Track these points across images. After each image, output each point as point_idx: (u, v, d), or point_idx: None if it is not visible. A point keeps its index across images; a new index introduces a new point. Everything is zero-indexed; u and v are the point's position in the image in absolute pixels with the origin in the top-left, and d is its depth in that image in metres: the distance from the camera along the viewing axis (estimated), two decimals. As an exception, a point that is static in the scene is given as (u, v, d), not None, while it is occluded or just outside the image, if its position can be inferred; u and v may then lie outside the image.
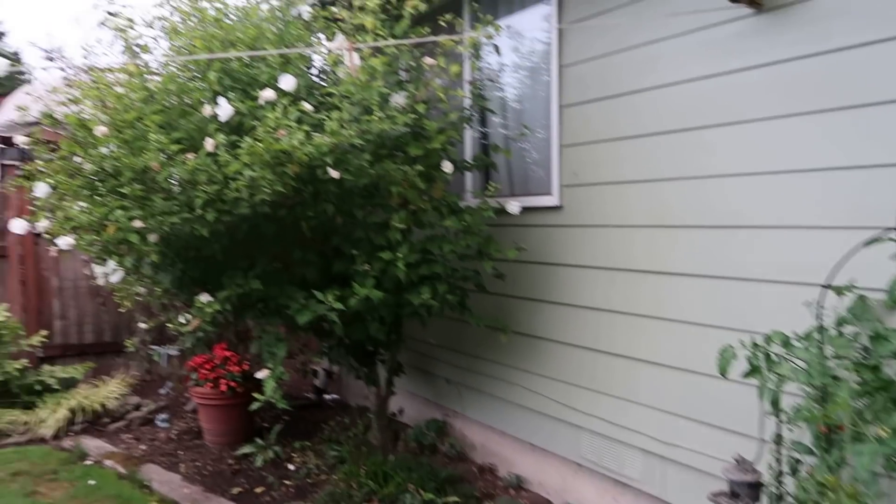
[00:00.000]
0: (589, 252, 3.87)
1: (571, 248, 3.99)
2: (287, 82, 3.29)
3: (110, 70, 3.77)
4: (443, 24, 3.64)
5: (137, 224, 3.22)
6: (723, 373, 2.60)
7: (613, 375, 3.71)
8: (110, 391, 6.23)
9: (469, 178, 4.80)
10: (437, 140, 3.69)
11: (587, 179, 3.88)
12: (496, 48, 3.75)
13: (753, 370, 2.54)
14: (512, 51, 4.62)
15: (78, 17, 3.87)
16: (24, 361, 6.26)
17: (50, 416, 5.77)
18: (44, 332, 6.72)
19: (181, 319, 3.56)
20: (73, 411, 5.84)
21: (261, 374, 3.49)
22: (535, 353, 4.24)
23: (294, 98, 3.46)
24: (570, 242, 4.01)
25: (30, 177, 3.67)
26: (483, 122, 4.82)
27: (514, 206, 3.84)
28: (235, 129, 3.46)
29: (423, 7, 3.78)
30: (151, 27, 3.86)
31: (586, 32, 3.87)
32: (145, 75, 3.84)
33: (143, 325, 4.71)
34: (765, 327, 2.70)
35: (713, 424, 3.16)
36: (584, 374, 3.90)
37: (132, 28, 3.76)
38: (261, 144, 3.04)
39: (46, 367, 6.55)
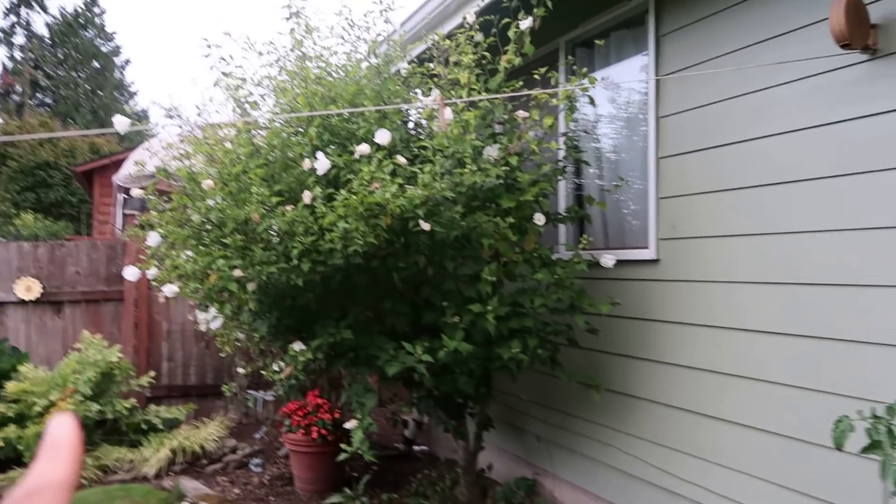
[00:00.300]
0: (688, 308, 3.70)
1: (669, 303, 3.83)
2: (382, 136, 3.37)
3: (220, 126, 3.99)
4: (537, 77, 3.65)
5: (237, 273, 3.35)
6: (839, 446, 2.38)
7: (717, 441, 3.48)
8: (209, 433, 6.43)
9: (562, 230, 4.73)
10: (530, 192, 3.67)
11: (686, 232, 3.74)
12: (591, 100, 3.72)
13: (874, 445, 2.31)
14: (608, 101, 4.57)
15: (195, 78, 4.13)
16: (133, 401, 6.58)
17: (153, 455, 6.01)
18: (152, 373, 7.06)
19: (275, 367, 3.64)
20: (174, 452, 6.05)
21: (349, 425, 3.50)
22: (631, 413, 4.06)
23: (389, 151, 3.53)
24: (667, 297, 3.85)
25: (144, 226, 3.91)
26: (577, 173, 4.76)
27: (608, 259, 3.74)
28: (332, 181, 3.57)
29: (517, 61, 3.81)
30: (259, 86, 4.07)
31: (685, 82, 3.78)
32: (252, 131, 4.04)
33: (240, 371, 4.86)
34: (886, 396, 2.47)
35: (823, 499, 2.90)
36: (683, 437, 3.69)
37: (242, 87, 3.98)
38: (355, 197, 3.10)
39: (153, 407, 6.85)
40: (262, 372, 3.96)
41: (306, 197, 3.32)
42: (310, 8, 4.07)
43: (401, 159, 3.39)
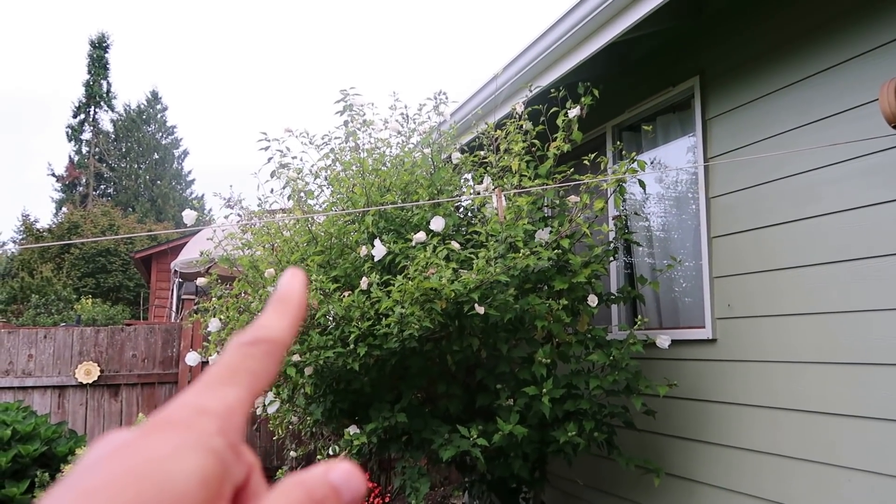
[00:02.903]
0: (746, 389, 3.62)
1: (727, 383, 3.75)
2: (437, 224, 3.47)
3: (279, 213, 4.16)
4: (586, 162, 3.74)
5: (296, 358, 3.42)
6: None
7: (785, 531, 3.34)
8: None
9: (615, 311, 4.72)
10: (582, 274, 3.70)
11: (742, 312, 3.70)
12: (641, 184, 3.79)
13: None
14: (657, 182, 4.63)
15: (256, 170, 4.35)
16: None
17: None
18: (204, 456, 7.08)
19: (330, 451, 3.65)
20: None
21: (405, 511, 3.46)
22: (691, 498, 3.92)
23: (443, 238, 3.63)
24: (725, 378, 3.78)
25: (202, 311, 4.05)
26: (628, 253, 4.78)
27: (663, 339, 3.71)
28: (387, 267, 3.67)
29: (566, 147, 3.92)
30: (317, 176, 4.26)
31: (734, 164, 3.82)
32: (309, 219, 4.21)
33: (293, 454, 4.87)
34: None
35: None
36: (750, 526, 3.54)
37: (300, 178, 4.17)
38: (411, 283, 3.18)
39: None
40: (317, 456, 3.96)
41: (363, 283, 3.41)
42: (365, 98, 4.27)
43: (455, 245, 3.48)
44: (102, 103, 39.22)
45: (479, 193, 3.59)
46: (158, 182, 39.27)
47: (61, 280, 21.78)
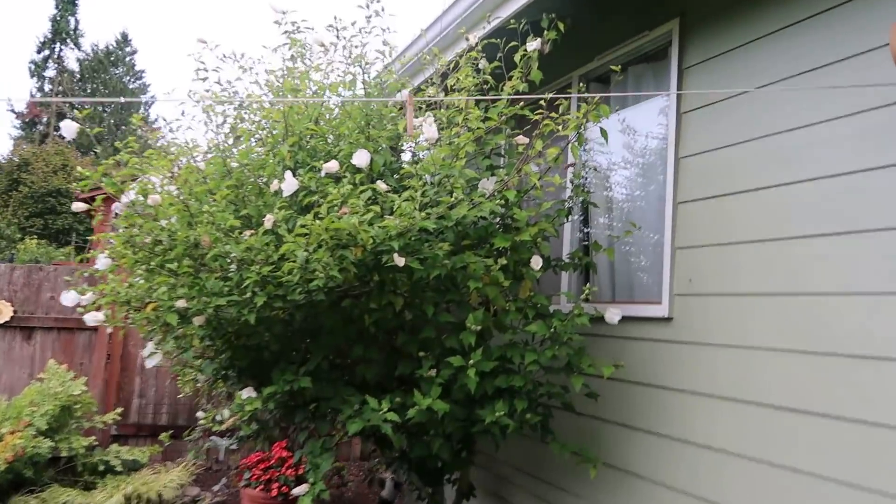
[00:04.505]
0: (705, 376, 3.18)
1: (682, 368, 3.31)
2: (361, 158, 2.94)
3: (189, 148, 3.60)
4: (542, 104, 3.23)
5: (181, 304, 2.89)
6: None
7: (731, 538, 2.92)
8: (170, 480, 5.87)
9: (564, 279, 4.25)
10: (528, 232, 3.21)
11: (704, 288, 3.25)
12: (603, 133, 3.30)
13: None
14: (622, 147, 4.14)
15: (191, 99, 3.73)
16: (93, 439, 6.06)
17: (105, 500, 5.46)
18: (119, 410, 6.54)
19: (217, 416, 3.15)
20: (127, 498, 5.49)
21: (298, 490, 2.98)
22: (631, 495, 3.50)
23: (370, 177, 3.11)
24: (680, 362, 3.34)
25: (96, 245, 3.48)
26: (585, 218, 4.31)
27: (613, 313, 3.25)
28: (306, 209, 3.14)
29: (522, 87, 3.40)
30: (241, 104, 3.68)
31: (711, 119, 3.35)
32: (226, 151, 3.65)
33: (200, 415, 4.37)
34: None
35: None
36: (692, 530, 3.13)
37: (215, 100, 3.59)
38: (319, 222, 2.66)
39: (114, 447, 6.33)
40: (202, 422, 3.46)
41: (267, 221, 2.88)
42: (304, 25, 3.68)
43: (381, 185, 2.96)
44: (69, 40, 37.60)
45: (395, 105, 3.05)
46: (123, 128, 37.87)
47: (6, 218, 20.76)
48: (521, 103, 3.32)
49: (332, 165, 2.79)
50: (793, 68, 2.93)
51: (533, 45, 3.35)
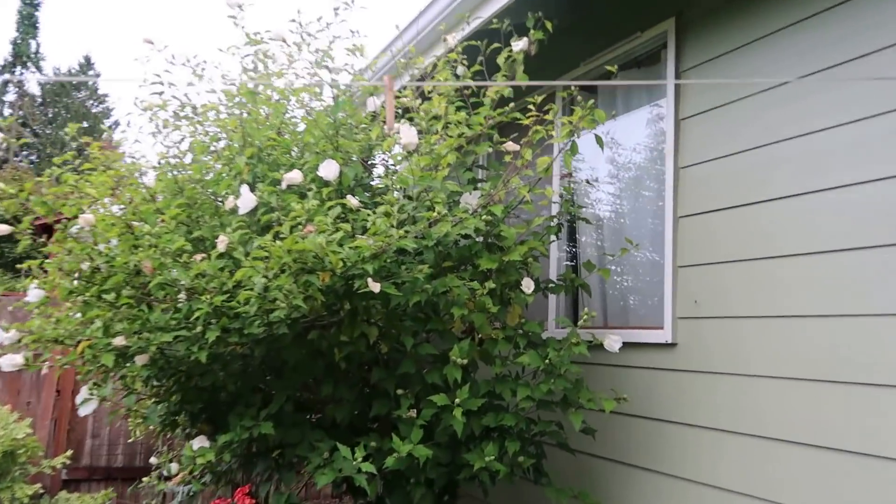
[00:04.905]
0: (714, 408, 2.85)
1: (687, 399, 2.99)
2: (328, 169, 2.57)
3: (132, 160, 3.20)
4: (532, 106, 2.90)
5: (119, 341, 2.48)
6: None
7: None
8: (124, 530, 5.37)
9: (552, 302, 3.91)
10: (517, 252, 2.87)
11: (712, 311, 2.93)
12: (598, 140, 2.98)
13: None
14: (614, 158, 3.84)
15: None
16: (38, 487, 5.52)
17: (50, 556, 4.95)
18: (69, 453, 6.01)
19: (166, 470, 2.73)
20: (75, 553, 4.99)
21: (260, 555, 2.57)
22: (637, 543, 3.14)
23: (340, 193, 2.75)
24: (685, 392, 3.01)
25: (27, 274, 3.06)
26: (572, 236, 3.99)
27: (613, 340, 2.91)
28: (267, 229, 2.75)
29: (507, 92, 3.08)
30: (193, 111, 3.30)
31: (713, 125, 3.06)
32: (177, 166, 3.26)
33: (153, 460, 3.93)
34: None
35: None
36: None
37: (164, 109, 3.21)
38: (280, 243, 2.28)
39: (63, 494, 5.81)
40: (157, 469, 3.03)
41: (220, 243, 2.49)
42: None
43: (353, 201, 2.59)
44: (30, 64, 36.77)
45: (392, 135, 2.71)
46: (85, 152, 36.93)
47: (-42, 248, 19.88)
48: (509, 106, 2.99)
49: (295, 176, 2.42)
50: (802, 68, 2.66)
51: (519, 44, 3.03)
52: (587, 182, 3.70)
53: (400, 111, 3.39)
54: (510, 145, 2.77)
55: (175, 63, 3.15)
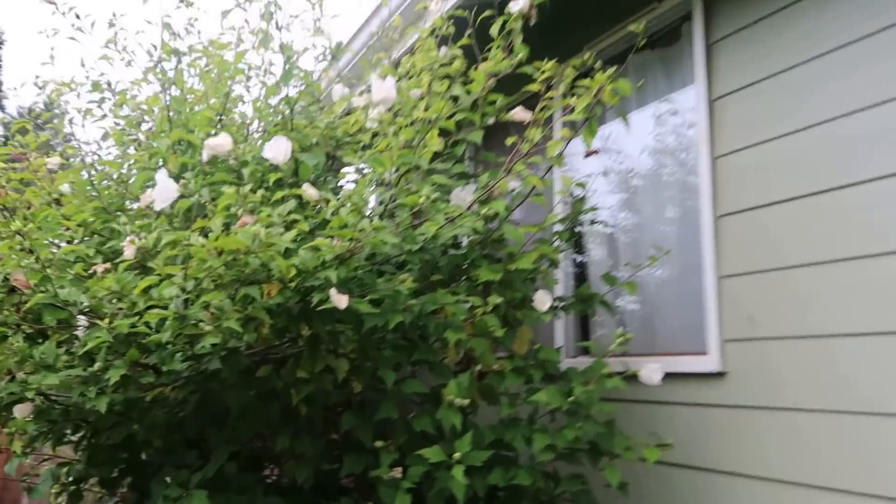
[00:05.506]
0: (779, 454, 2.22)
1: (742, 443, 2.35)
2: (276, 148, 1.91)
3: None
4: (535, 75, 2.29)
5: (-17, 385, 1.78)
6: None
7: None
8: None
9: (560, 326, 3.27)
10: (528, 258, 2.23)
11: (776, 329, 2.31)
12: (623, 116, 2.38)
13: None
14: (620, 161, 3.25)
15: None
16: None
17: None
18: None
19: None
20: None
21: None
22: None
23: (293, 181, 2.10)
24: (740, 434, 2.38)
25: None
26: (577, 244, 3.36)
27: (653, 370, 2.26)
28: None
29: (504, 66, 2.47)
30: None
31: (756, 100, 2.48)
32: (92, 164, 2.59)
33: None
34: None
35: None
36: None
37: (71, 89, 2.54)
38: (204, 242, 1.61)
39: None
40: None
41: (127, 249, 1.81)
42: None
43: (310, 191, 1.94)
44: (-8, 101, 35.70)
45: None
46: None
47: None
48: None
49: (221, 142, 1.75)
50: (864, 27, 2.11)
51: (518, 4, 2.43)
52: (605, 174, 3.08)
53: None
54: (519, 112, 2.14)
55: (84, 31, 2.48)
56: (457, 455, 1.99)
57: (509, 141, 2.30)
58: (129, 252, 1.81)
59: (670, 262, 2.84)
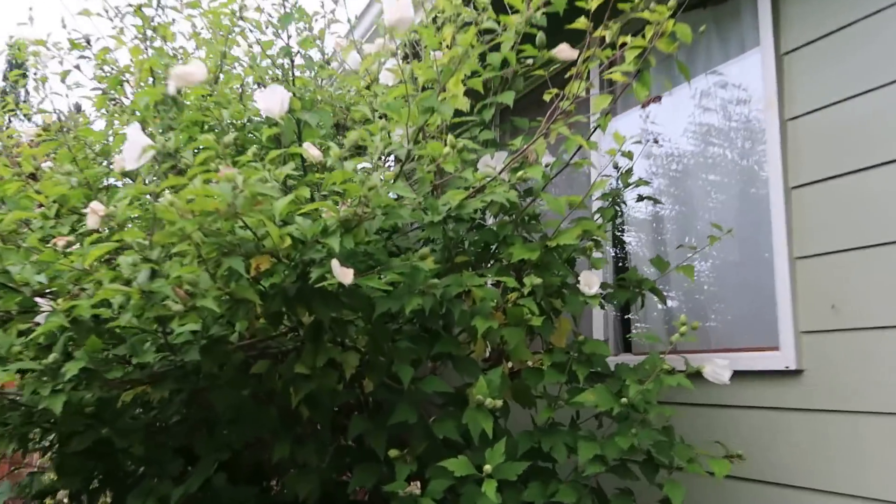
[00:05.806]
0: (869, 467, 1.85)
1: (822, 454, 1.99)
2: (270, 99, 1.59)
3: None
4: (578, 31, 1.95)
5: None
6: None
7: None
8: None
9: (598, 317, 2.91)
10: (571, 234, 1.88)
11: (864, 319, 1.95)
12: (682, 68, 2.02)
13: None
14: (686, 116, 2.89)
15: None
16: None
17: None
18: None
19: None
20: None
21: None
22: None
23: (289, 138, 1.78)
24: (820, 442, 2.01)
25: None
26: (618, 225, 3.00)
27: (720, 367, 1.89)
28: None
29: (538, 17, 2.12)
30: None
31: (835, 52, 2.12)
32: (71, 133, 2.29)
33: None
34: None
35: None
36: None
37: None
38: (172, 198, 1.28)
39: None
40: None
41: (91, 217, 1.49)
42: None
43: (311, 150, 1.61)
44: None
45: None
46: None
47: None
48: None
49: (193, 70, 1.41)
50: None
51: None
52: (655, 142, 2.70)
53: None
54: (565, 50, 1.79)
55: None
56: (487, 467, 1.65)
57: (548, 96, 1.95)
58: (92, 221, 1.49)
59: (730, 244, 2.47)
